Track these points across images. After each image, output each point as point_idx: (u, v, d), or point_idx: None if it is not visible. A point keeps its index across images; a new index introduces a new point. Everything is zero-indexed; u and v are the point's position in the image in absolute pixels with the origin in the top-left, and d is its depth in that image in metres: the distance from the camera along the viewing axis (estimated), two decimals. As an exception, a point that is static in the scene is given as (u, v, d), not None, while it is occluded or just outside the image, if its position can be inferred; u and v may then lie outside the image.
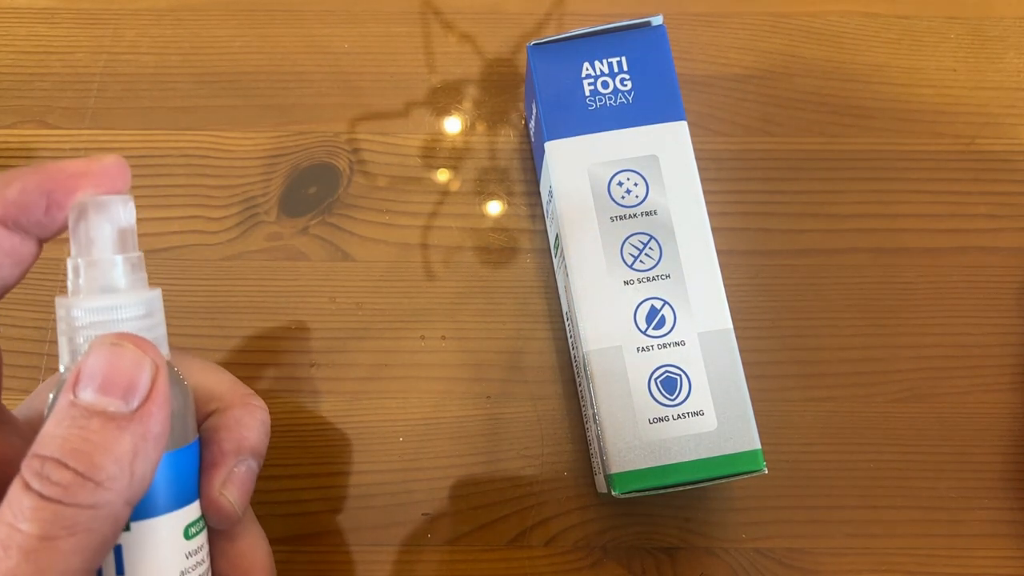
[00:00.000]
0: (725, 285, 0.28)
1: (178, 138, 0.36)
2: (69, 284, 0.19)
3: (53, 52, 0.37)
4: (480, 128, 0.36)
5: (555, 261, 0.33)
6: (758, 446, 0.27)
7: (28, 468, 0.17)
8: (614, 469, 0.26)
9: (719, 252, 0.28)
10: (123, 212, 0.20)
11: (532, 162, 0.36)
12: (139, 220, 0.35)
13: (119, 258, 0.20)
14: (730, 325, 0.28)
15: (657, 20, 0.31)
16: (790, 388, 0.33)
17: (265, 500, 0.32)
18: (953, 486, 0.32)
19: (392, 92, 0.37)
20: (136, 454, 0.17)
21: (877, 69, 0.37)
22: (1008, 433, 0.32)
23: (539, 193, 0.34)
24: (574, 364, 0.32)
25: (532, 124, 0.33)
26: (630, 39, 0.30)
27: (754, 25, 0.38)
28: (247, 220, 0.35)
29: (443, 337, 0.33)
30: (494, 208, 0.35)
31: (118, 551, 0.19)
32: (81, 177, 0.20)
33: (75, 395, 0.18)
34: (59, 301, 0.19)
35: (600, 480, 0.29)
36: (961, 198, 0.35)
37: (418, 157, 0.36)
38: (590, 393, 0.28)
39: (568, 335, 0.32)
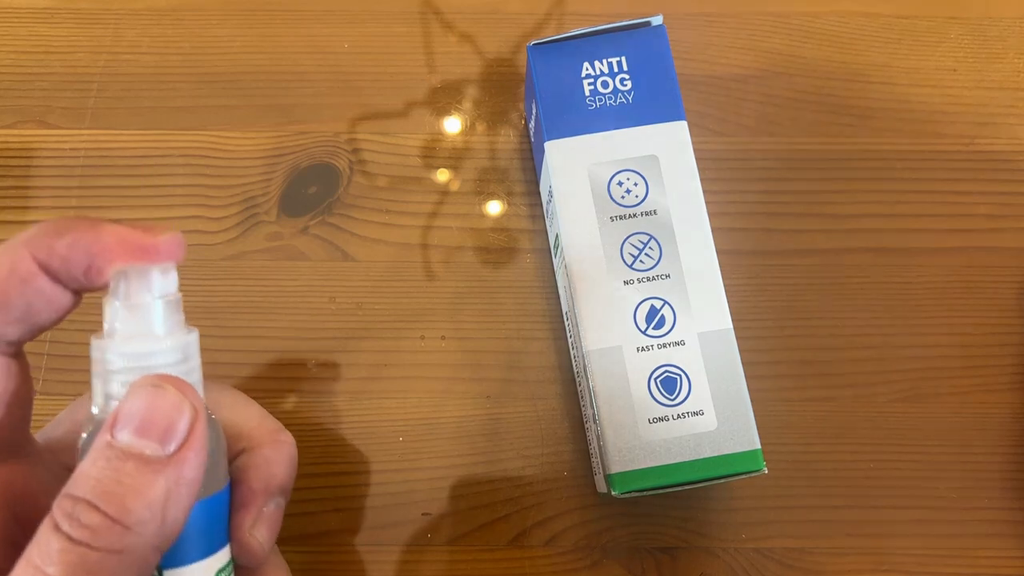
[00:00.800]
0: (725, 285, 0.28)
1: (178, 138, 0.36)
2: (105, 324, 0.19)
3: (53, 52, 0.37)
4: (480, 128, 0.36)
5: (555, 261, 0.33)
6: (758, 446, 0.27)
7: (59, 508, 0.17)
8: (614, 469, 0.26)
9: (719, 252, 0.28)
10: (167, 284, 0.20)
11: (532, 162, 0.36)
12: (139, 220, 0.36)
13: (158, 302, 0.19)
14: (730, 325, 0.28)
15: (657, 20, 0.31)
16: (790, 388, 0.33)
17: (265, 500, 0.32)
18: (953, 486, 0.32)
19: (392, 92, 0.37)
20: (169, 499, 0.17)
21: (877, 69, 0.37)
22: (1008, 433, 0.32)
23: (539, 193, 0.34)
24: (574, 364, 0.32)
25: (532, 124, 0.33)
26: (630, 39, 0.30)
27: (754, 25, 0.38)
28: (247, 220, 0.35)
29: (443, 337, 0.33)
30: (494, 208, 0.35)
31: None
32: (131, 250, 0.19)
33: (112, 436, 0.17)
34: (94, 343, 0.19)
35: (600, 480, 0.29)
36: (961, 198, 0.35)
37: (418, 157, 0.36)
38: (590, 393, 0.28)
39: (568, 335, 0.32)
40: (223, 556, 0.21)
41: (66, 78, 0.37)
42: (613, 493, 0.26)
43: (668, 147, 0.29)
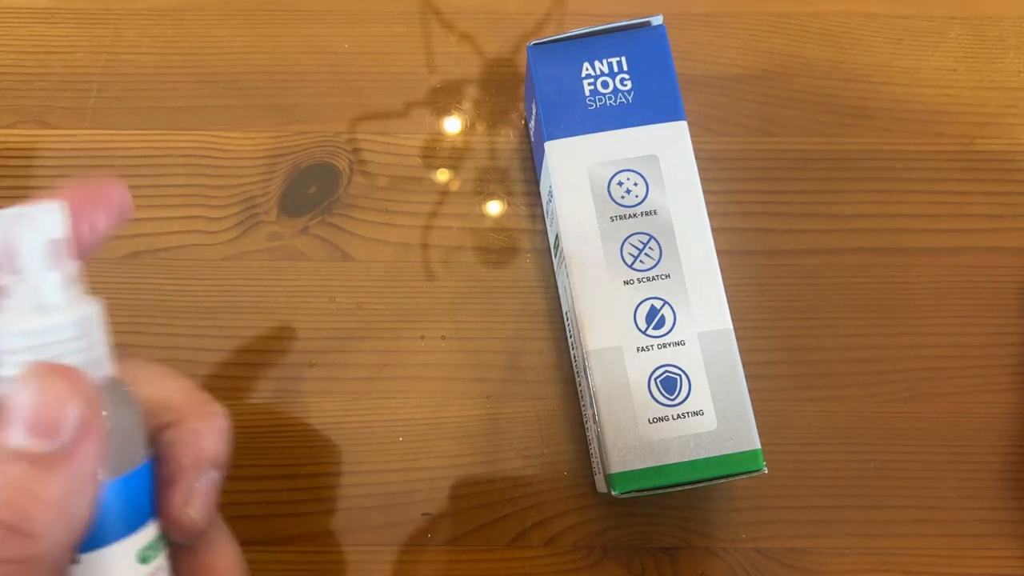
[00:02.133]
0: (725, 285, 0.28)
1: (178, 138, 0.36)
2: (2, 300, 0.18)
3: (53, 52, 0.37)
4: (480, 128, 0.36)
5: (555, 261, 0.33)
6: (758, 446, 0.27)
7: None
8: (614, 469, 0.26)
9: (719, 252, 0.28)
10: (52, 223, 0.18)
11: (532, 162, 0.36)
12: (139, 220, 0.36)
13: (52, 275, 0.18)
14: (730, 325, 0.28)
15: (657, 20, 0.31)
16: (790, 388, 0.33)
17: (265, 500, 0.32)
18: (953, 486, 0.32)
19: (392, 92, 0.37)
20: (69, 497, 0.16)
21: (877, 69, 0.37)
22: (1008, 433, 0.32)
23: (539, 193, 0.34)
24: (574, 364, 0.32)
25: (532, 124, 0.33)
26: (630, 39, 0.30)
27: (754, 25, 0.38)
28: (247, 220, 0.35)
29: (443, 337, 0.33)
30: (494, 208, 0.35)
31: None
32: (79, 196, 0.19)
33: (2, 438, 0.16)
34: None
35: (600, 480, 0.29)
36: (961, 198, 0.35)
37: (418, 157, 0.36)
38: (590, 393, 0.28)
39: (568, 335, 0.32)
40: (148, 533, 0.20)
41: (66, 78, 0.37)
42: (613, 493, 0.26)
43: (668, 147, 0.29)
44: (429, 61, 0.37)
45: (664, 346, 0.27)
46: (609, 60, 0.30)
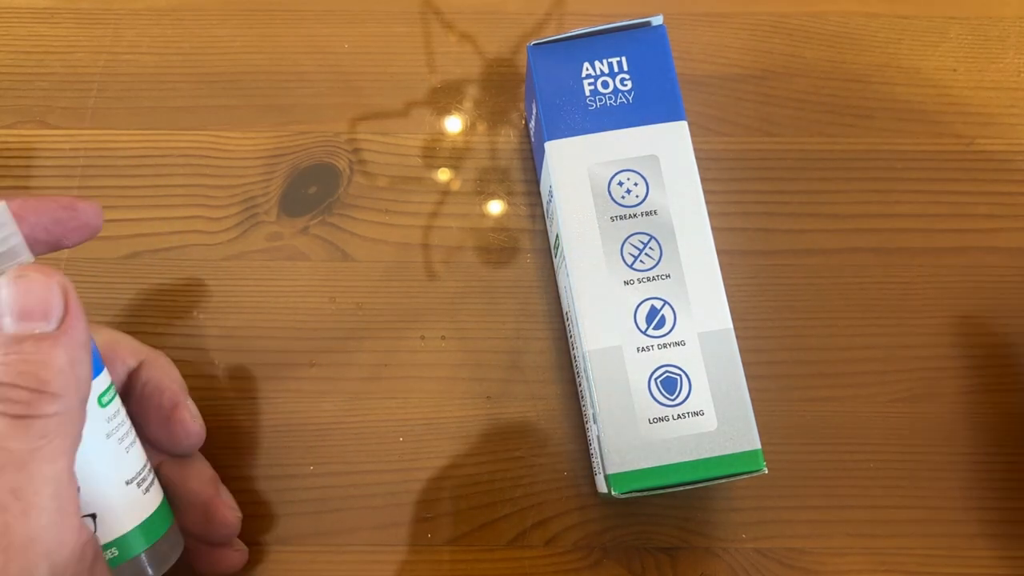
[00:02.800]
0: (725, 285, 0.28)
1: (178, 138, 0.36)
2: None
3: (53, 52, 0.37)
4: (480, 128, 0.36)
5: (555, 261, 0.33)
6: (758, 446, 0.27)
7: None
8: (614, 469, 0.26)
9: (719, 252, 0.28)
10: None
11: (532, 162, 0.36)
12: (139, 220, 0.36)
13: None
14: (730, 325, 0.28)
15: (657, 20, 0.31)
16: (790, 388, 0.33)
17: (265, 500, 0.32)
18: (953, 486, 0.32)
19: (392, 92, 0.37)
20: (73, 362, 0.20)
21: (877, 69, 0.37)
22: (1008, 433, 0.32)
23: (539, 193, 0.34)
24: (574, 364, 0.32)
25: (532, 124, 0.33)
26: (630, 39, 0.30)
27: (754, 25, 0.38)
28: (247, 220, 0.35)
29: (443, 337, 0.33)
30: (494, 208, 0.35)
31: None
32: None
33: None
34: None
35: (600, 480, 0.29)
36: (961, 198, 0.35)
37: (418, 157, 0.36)
38: (590, 393, 0.28)
39: (568, 335, 0.32)
40: (101, 382, 0.23)
41: (66, 78, 0.37)
42: (613, 493, 0.26)
43: (668, 147, 0.29)
44: (429, 61, 0.37)
45: (664, 346, 0.27)
46: (609, 60, 0.30)
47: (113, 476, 0.24)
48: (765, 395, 0.32)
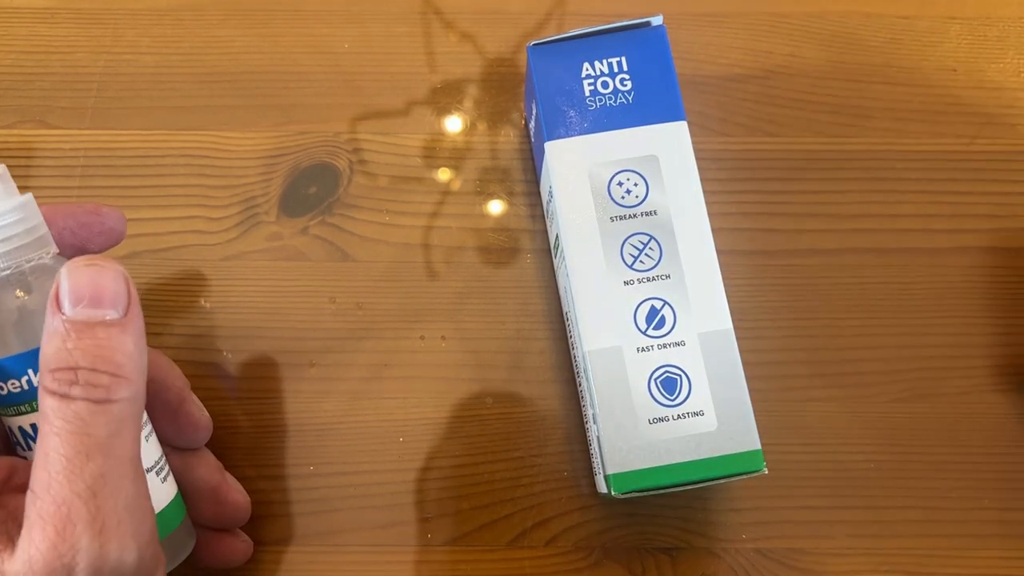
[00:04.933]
0: (725, 285, 0.28)
1: (178, 138, 0.36)
2: None
3: (53, 52, 0.37)
4: (480, 128, 0.36)
5: (555, 261, 0.33)
6: (758, 446, 0.27)
7: (58, 382, 0.19)
8: (613, 469, 0.26)
9: (719, 252, 0.28)
10: None
11: (532, 162, 0.36)
12: (139, 220, 0.36)
13: None
14: (730, 325, 0.28)
15: (657, 20, 0.31)
16: (790, 388, 0.33)
17: (265, 500, 0.32)
18: (953, 486, 0.32)
19: (392, 92, 0.37)
20: (140, 348, 0.21)
21: (877, 69, 0.37)
22: (1008, 433, 0.32)
23: (539, 193, 0.34)
24: (574, 364, 0.32)
25: (532, 124, 0.33)
26: (630, 39, 0.30)
27: (754, 25, 0.38)
28: (247, 220, 0.35)
29: (443, 337, 0.33)
30: (495, 208, 0.35)
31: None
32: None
33: (65, 314, 0.20)
34: None
35: (600, 480, 0.29)
36: (961, 198, 0.35)
37: (418, 157, 0.36)
38: (590, 393, 0.28)
39: (568, 335, 0.32)
40: None
41: (66, 78, 0.37)
42: (613, 493, 0.26)
43: (668, 147, 0.29)
44: (429, 61, 0.37)
45: (664, 346, 0.27)
46: (609, 60, 0.30)
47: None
48: (765, 395, 0.32)
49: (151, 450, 0.25)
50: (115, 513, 0.20)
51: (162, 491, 0.25)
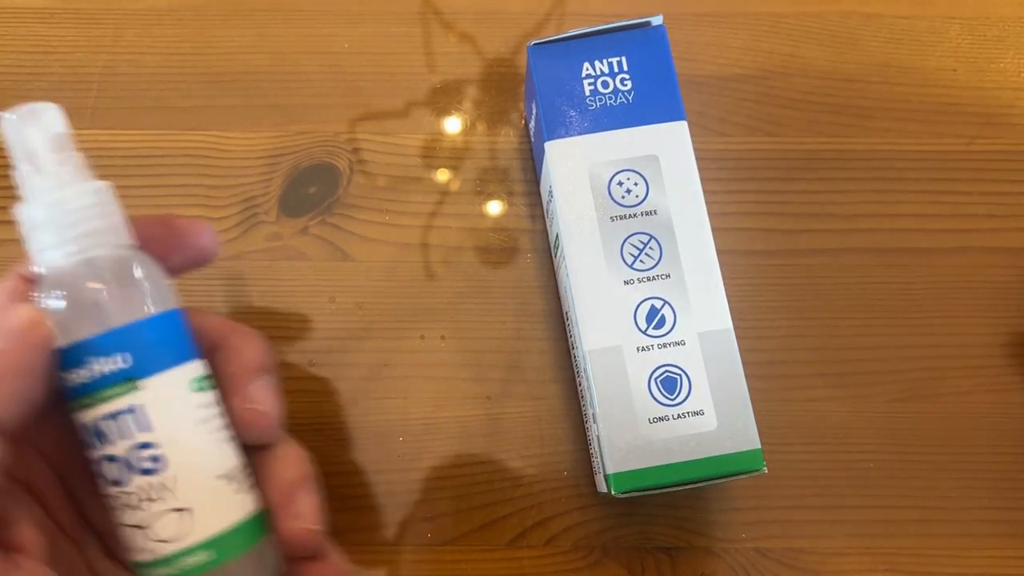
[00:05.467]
0: (725, 285, 0.28)
1: (178, 138, 0.36)
2: (21, 193, 0.21)
3: (53, 52, 0.37)
4: (480, 128, 0.36)
5: (555, 261, 0.33)
6: (758, 446, 0.27)
7: None
8: (613, 469, 0.26)
9: (719, 252, 0.28)
10: (54, 119, 0.22)
11: (532, 162, 0.36)
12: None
13: (61, 162, 0.21)
14: (730, 325, 0.28)
15: (657, 20, 0.31)
16: (790, 388, 0.33)
17: (265, 500, 0.32)
18: (953, 486, 0.32)
19: (392, 92, 0.37)
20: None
21: (877, 69, 0.37)
22: (1008, 433, 0.32)
23: (539, 193, 0.34)
24: (574, 364, 0.32)
25: (532, 124, 0.33)
26: (630, 39, 0.30)
27: (754, 25, 0.38)
28: (247, 220, 0.35)
29: (443, 337, 0.33)
30: (494, 208, 0.35)
31: (137, 409, 0.21)
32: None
33: None
34: (17, 211, 0.21)
35: (600, 480, 0.29)
36: (961, 198, 0.35)
37: (418, 157, 0.36)
38: (590, 393, 0.28)
39: (568, 335, 0.32)
40: (193, 369, 0.22)
41: (66, 78, 0.37)
42: (613, 493, 0.26)
43: (668, 147, 0.29)
44: (429, 61, 0.37)
45: (664, 346, 0.27)
46: (609, 60, 0.30)
47: (208, 467, 0.22)
48: (765, 395, 0.32)
49: (228, 455, 0.23)
50: None
51: (241, 502, 0.23)
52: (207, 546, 0.22)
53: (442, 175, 0.36)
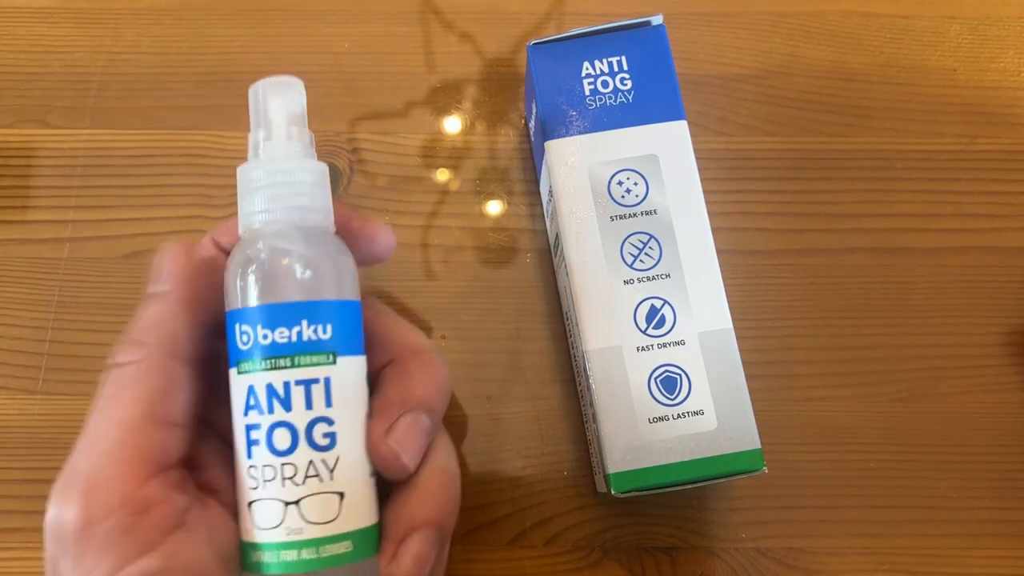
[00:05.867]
0: (725, 285, 0.28)
1: (178, 138, 0.36)
2: (250, 152, 0.23)
3: (52, 52, 0.37)
4: (480, 128, 0.36)
5: (555, 261, 0.33)
6: (758, 446, 0.27)
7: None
8: (613, 469, 0.26)
9: (719, 252, 0.28)
10: (296, 96, 0.23)
11: (532, 162, 0.36)
12: (139, 220, 0.36)
13: (292, 137, 0.23)
14: (730, 325, 0.28)
15: (657, 20, 0.31)
16: (790, 388, 0.33)
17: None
18: (953, 486, 0.32)
19: (392, 92, 0.37)
20: (161, 317, 0.22)
21: (877, 69, 0.37)
22: (1008, 433, 0.32)
23: (539, 193, 0.34)
24: (574, 364, 0.32)
25: (532, 124, 0.33)
26: (630, 39, 0.30)
27: (754, 25, 0.38)
28: (247, 220, 0.35)
29: (443, 337, 0.33)
30: (494, 208, 0.35)
31: (327, 381, 0.22)
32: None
33: None
34: (241, 168, 0.23)
35: (600, 480, 0.29)
36: (961, 198, 0.35)
37: (418, 157, 0.36)
38: (590, 393, 0.28)
39: (568, 335, 0.32)
40: (364, 364, 0.23)
41: (66, 78, 0.37)
42: (613, 493, 0.26)
43: (668, 147, 0.29)
44: (429, 61, 0.37)
45: (664, 346, 0.27)
46: (609, 60, 0.30)
47: (363, 461, 0.22)
48: (765, 395, 0.32)
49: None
50: (86, 464, 0.20)
51: (376, 507, 0.22)
52: (350, 538, 0.21)
53: (442, 175, 0.36)
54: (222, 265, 0.23)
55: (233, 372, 0.22)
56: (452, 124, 0.36)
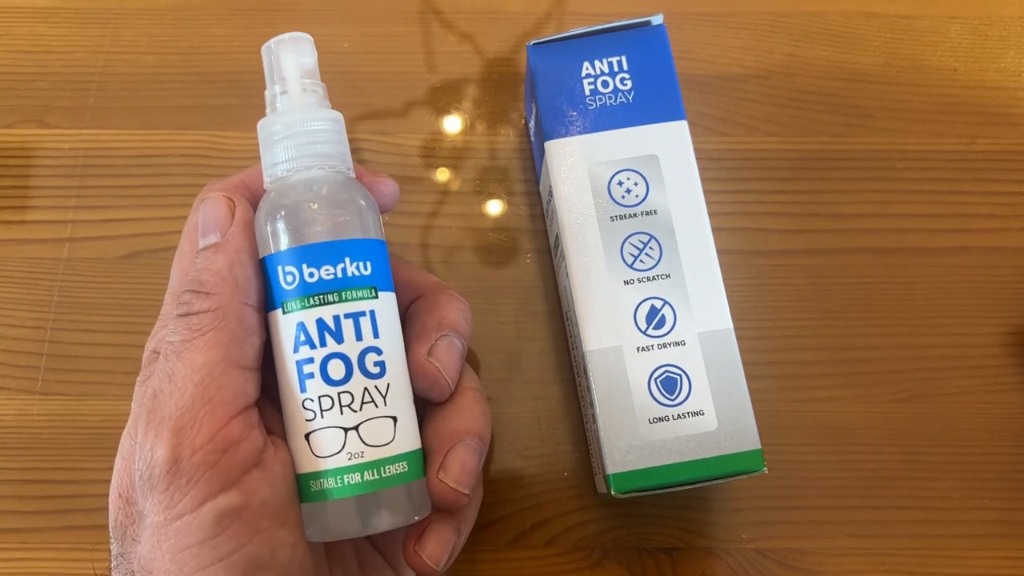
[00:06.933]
0: (725, 285, 0.28)
1: (178, 138, 0.36)
2: (267, 108, 0.24)
3: (52, 52, 0.37)
4: (480, 128, 0.36)
5: (555, 261, 0.33)
6: (758, 446, 0.26)
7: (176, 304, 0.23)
8: (613, 469, 0.26)
9: (719, 252, 0.28)
10: (306, 51, 0.24)
11: (532, 162, 0.36)
12: (139, 220, 0.36)
13: (307, 89, 0.24)
14: (730, 325, 0.28)
15: (657, 19, 0.31)
16: (791, 388, 0.33)
17: (265, 500, 0.31)
18: (953, 486, 0.32)
19: (392, 92, 0.37)
20: (232, 265, 0.23)
21: (877, 69, 0.37)
22: (1008, 433, 0.32)
23: (539, 193, 0.34)
24: (574, 364, 0.32)
25: (532, 124, 0.33)
26: (630, 38, 0.30)
27: (754, 25, 0.38)
28: (247, 220, 0.35)
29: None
30: (494, 208, 0.35)
31: (372, 314, 0.23)
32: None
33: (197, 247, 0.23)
34: (261, 123, 0.24)
35: (600, 480, 0.29)
36: (962, 198, 0.35)
37: (418, 157, 0.36)
38: (590, 393, 0.28)
39: (568, 335, 0.32)
40: (395, 299, 0.24)
41: (65, 78, 0.37)
42: (613, 493, 0.26)
43: (668, 147, 0.29)
44: (429, 61, 0.37)
45: (664, 346, 0.27)
46: (609, 60, 0.30)
47: (408, 387, 0.24)
48: (765, 395, 0.32)
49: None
50: (168, 409, 0.21)
51: (418, 432, 0.24)
52: (405, 459, 0.23)
53: (442, 175, 0.36)
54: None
55: (277, 313, 0.23)
56: (452, 124, 0.36)
